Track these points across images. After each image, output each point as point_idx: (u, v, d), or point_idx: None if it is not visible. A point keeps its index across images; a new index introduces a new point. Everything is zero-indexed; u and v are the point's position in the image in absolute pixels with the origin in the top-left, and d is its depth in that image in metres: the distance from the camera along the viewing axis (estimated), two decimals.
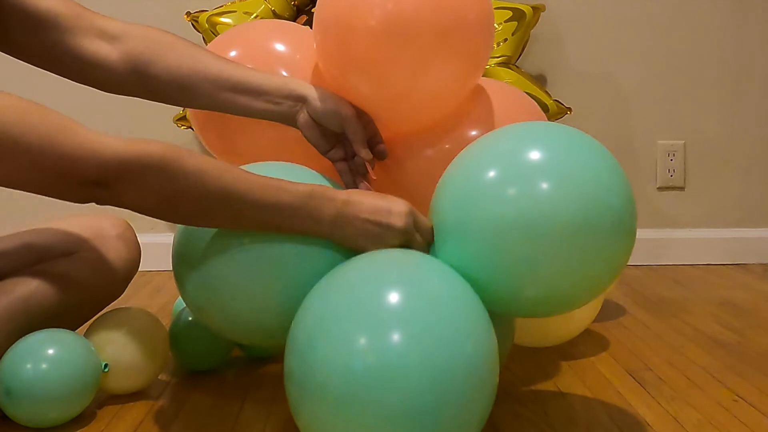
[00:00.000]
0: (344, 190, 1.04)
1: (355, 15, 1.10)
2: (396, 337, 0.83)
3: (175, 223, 1.07)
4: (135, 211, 1.01)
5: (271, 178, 1.01)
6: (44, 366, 1.10)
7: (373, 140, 1.19)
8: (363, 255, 0.98)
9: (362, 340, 0.84)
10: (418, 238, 1.02)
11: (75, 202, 1.02)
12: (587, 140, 0.97)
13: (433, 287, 0.90)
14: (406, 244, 1.01)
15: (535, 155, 0.94)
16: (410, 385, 0.82)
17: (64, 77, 1.21)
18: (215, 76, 1.16)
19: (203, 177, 0.98)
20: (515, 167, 0.94)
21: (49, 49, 1.16)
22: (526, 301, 0.97)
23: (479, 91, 1.24)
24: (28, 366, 1.09)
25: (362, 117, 1.18)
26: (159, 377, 1.29)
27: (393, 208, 1.01)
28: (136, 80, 1.19)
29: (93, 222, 1.28)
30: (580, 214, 0.90)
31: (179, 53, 1.18)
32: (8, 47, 1.16)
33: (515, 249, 0.92)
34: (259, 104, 1.16)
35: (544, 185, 0.91)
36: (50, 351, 1.11)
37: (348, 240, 1.01)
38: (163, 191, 0.98)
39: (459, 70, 1.15)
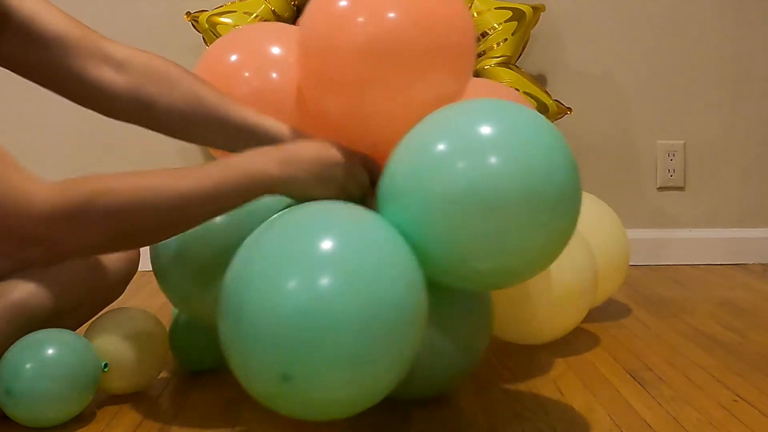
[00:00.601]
0: (280, 146, 1.07)
1: (336, 35, 1.09)
2: (326, 278, 0.87)
3: (135, 249, 1.08)
4: (84, 256, 0.99)
5: (209, 164, 1.01)
6: (44, 366, 1.10)
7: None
8: (296, 206, 1.01)
9: (293, 282, 0.87)
10: (359, 178, 1.07)
11: (12, 266, 1.00)
12: (534, 116, 1.01)
13: (363, 233, 0.94)
14: (349, 184, 1.06)
15: (484, 129, 0.97)
16: (341, 324, 0.86)
17: (65, 97, 1.18)
18: (216, 118, 1.16)
19: (142, 197, 0.95)
20: (465, 140, 0.97)
21: (53, 69, 1.14)
22: (473, 272, 0.99)
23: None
24: (28, 366, 1.09)
25: (361, 163, 1.14)
26: (159, 377, 1.29)
27: (332, 156, 1.06)
28: (136, 110, 1.17)
29: None
30: (526, 187, 0.93)
31: (182, 91, 1.16)
32: (12, 64, 1.14)
33: (463, 219, 0.95)
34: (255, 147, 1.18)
35: (492, 159, 0.94)
36: (50, 351, 1.11)
37: (296, 192, 1.03)
38: (106, 227, 0.94)
39: (442, 89, 1.13)
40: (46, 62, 1.13)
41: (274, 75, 1.27)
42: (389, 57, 1.07)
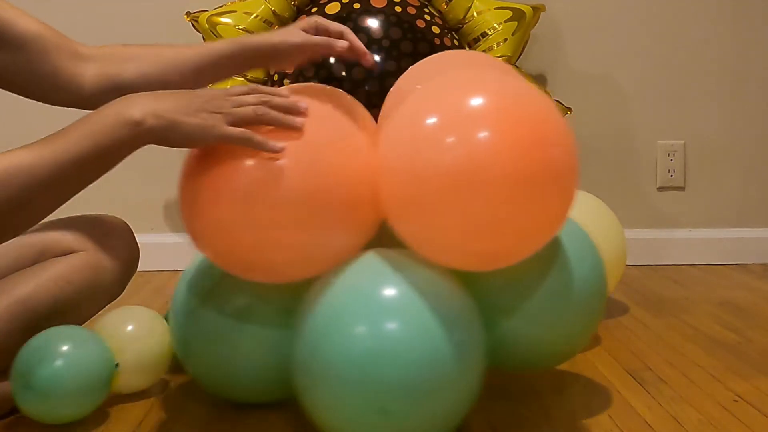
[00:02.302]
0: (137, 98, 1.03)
1: (421, 158, 0.94)
2: (391, 324, 0.95)
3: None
4: None
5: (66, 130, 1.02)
6: (63, 362, 1.10)
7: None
8: (360, 259, 1.02)
9: (361, 328, 0.95)
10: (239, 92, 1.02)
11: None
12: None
13: (423, 283, 0.98)
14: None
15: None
16: (402, 364, 0.93)
17: (35, 99, 1.25)
18: (180, 65, 1.24)
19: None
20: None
21: (26, 69, 1.19)
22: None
23: None
24: (51, 361, 1.09)
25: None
26: (161, 377, 1.29)
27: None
28: (110, 93, 1.21)
29: (91, 222, 1.28)
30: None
31: (145, 59, 1.25)
32: None
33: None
34: (225, 73, 1.28)
35: None
36: (68, 347, 1.11)
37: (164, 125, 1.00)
38: None
39: (541, 221, 0.96)
40: (20, 63, 1.18)
41: None
42: (480, 185, 0.91)
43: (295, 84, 1.09)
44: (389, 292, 0.97)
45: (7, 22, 1.15)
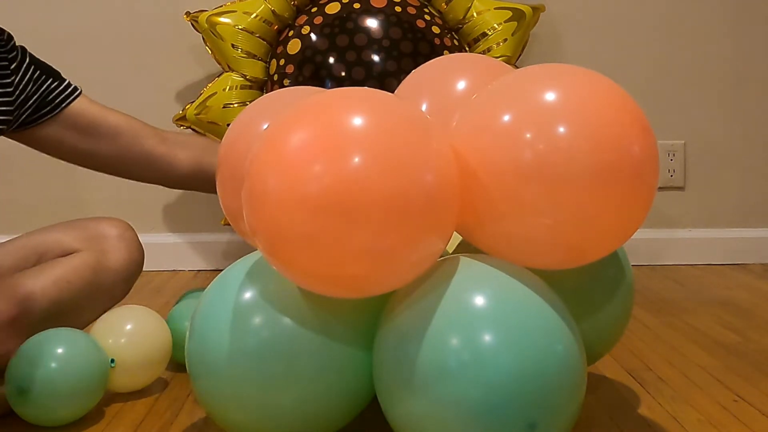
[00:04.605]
0: None
1: (499, 156, 0.91)
2: (488, 336, 0.86)
3: None
4: None
5: None
6: (55, 364, 1.10)
7: None
8: (452, 264, 0.94)
9: (455, 340, 0.87)
10: None
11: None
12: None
13: (522, 292, 0.92)
14: None
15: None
16: (503, 380, 0.85)
17: (132, 179, 1.41)
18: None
19: None
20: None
21: (124, 153, 1.34)
22: None
23: None
24: (39, 365, 1.09)
25: None
26: (160, 376, 1.29)
27: None
28: (198, 177, 1.38)
29: (93, 223, 1.29)
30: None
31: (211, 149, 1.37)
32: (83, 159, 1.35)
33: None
34: None
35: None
36: (60, 350, 1.11)
37: None
38: None
39: (620, 219, 0.93)
40: (118, 149, 1.34)
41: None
42: (560, 180, 0.89)
43: (338, 89, 0.95)
44: (484, 300, 0.90)
45: (101, 117, 1.32)
